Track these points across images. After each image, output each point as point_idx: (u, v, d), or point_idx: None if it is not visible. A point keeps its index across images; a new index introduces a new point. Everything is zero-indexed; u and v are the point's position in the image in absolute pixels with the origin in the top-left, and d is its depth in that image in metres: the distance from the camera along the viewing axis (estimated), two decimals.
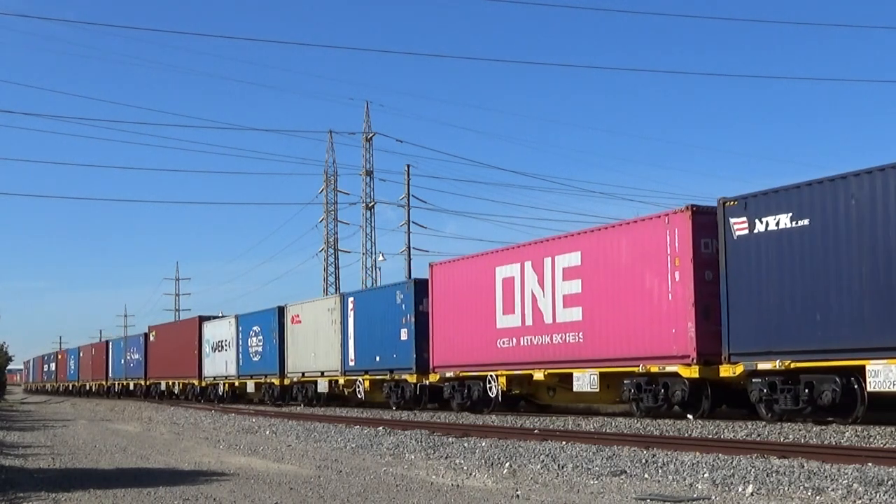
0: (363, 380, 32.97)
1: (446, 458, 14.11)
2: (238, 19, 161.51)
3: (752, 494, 9.58)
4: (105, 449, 17.74)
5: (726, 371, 19.30)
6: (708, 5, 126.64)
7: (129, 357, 63.39)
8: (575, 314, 23.16)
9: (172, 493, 10.68)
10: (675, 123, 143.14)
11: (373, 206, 56.09)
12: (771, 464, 11.48)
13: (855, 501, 8.93)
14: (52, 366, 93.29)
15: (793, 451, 12.74)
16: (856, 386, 17.14)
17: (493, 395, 26.12)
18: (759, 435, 16.61)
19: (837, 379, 17.32)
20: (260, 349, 41.57)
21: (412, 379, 29.79)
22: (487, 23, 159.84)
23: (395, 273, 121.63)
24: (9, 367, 76.80)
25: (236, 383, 44.30)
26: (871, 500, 8.90)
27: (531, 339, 24.61)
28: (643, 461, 12.36)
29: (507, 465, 12.77)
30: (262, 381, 41.39)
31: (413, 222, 52.04)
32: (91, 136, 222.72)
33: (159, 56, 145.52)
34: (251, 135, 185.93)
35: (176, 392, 53.02)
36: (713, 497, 9.56)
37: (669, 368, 20.55)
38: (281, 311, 39.93)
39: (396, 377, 30.87)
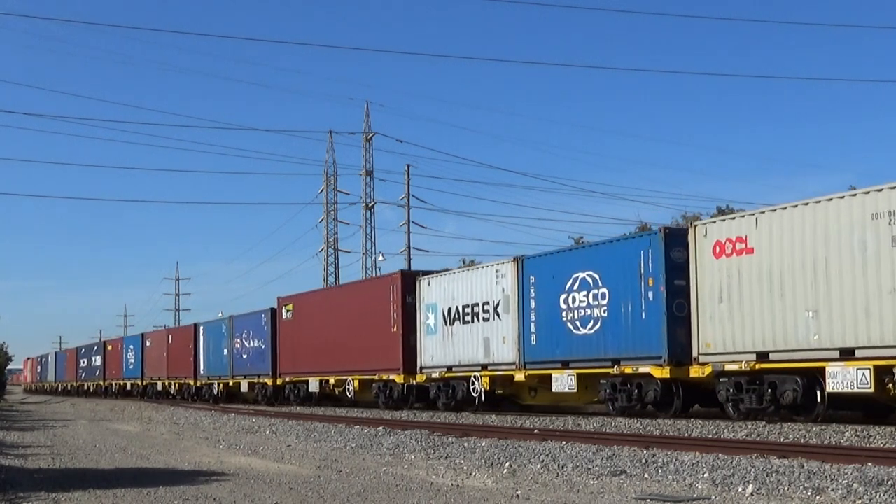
0: None
1: (446, 458, 14.11)
2: (238, 19, 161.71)
3: (752, 494, 9.58)
4: (105, 449, 17.75)
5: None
6: (708, 5, 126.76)
7: (239, 345, 43.53)
8: None
9: (172, 493, 10.69)
10: (675, 123, 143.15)
11: (373, 206, 56.19)
12: (771, 464, 11.48)
13: (855, 501, 8.93)
14: (96, 359, 71.92)
15: (793, 451, 12.75)
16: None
17: None
18: (759, 435, 16.61)
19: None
20: (600, 313, 22.84)
21: None
22: (487, 23, 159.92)
23: None
24: (9, 367, 76.63)
25: (516, 377, 25.62)
26: (871, 500, 8.91)
27: None
28: (643, 461, 12.36)
29: (507, 465, 12.77)
30: (608, 371, 22.57)
31: (413, 222, 52.15)
32: (91, 136, 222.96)
33: (159, 56, 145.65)
34: (251, 135, 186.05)
35: (350, 394, 33.01)
36: (713, 497, 9.56)
37: None
38: (673, 236, 21.13)
39: None
